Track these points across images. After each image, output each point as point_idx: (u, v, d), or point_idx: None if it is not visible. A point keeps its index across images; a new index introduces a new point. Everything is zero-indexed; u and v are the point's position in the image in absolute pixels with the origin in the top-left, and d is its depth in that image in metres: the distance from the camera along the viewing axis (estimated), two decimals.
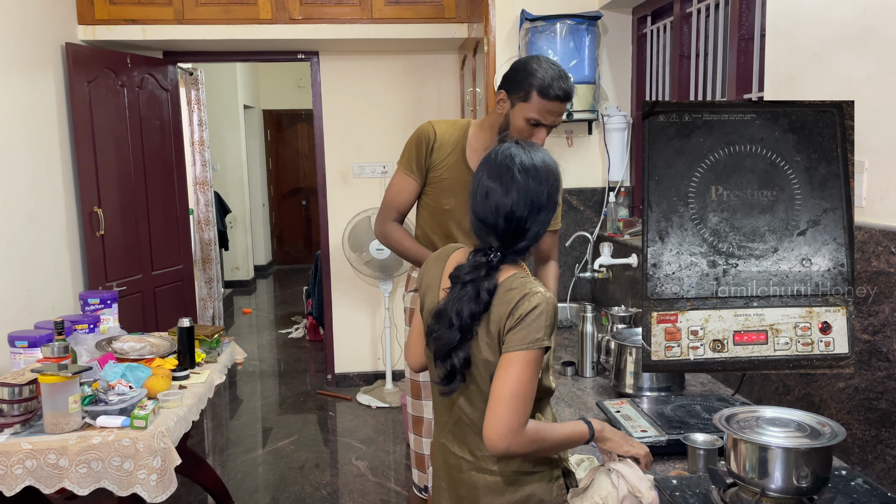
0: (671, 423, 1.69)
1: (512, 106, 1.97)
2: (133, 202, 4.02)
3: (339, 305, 4.68)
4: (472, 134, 2.14)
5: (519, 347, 1.26)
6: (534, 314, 1.26)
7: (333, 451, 3.78)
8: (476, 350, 1.34)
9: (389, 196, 2.22)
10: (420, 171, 2.16)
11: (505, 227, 1.32)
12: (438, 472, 1.52)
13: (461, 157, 2.13)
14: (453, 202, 2.14)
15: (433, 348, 1.38)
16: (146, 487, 2.04)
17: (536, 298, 1.27)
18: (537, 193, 1.32)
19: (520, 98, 1.94)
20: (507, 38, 3.13)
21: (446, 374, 1.35)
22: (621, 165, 3.10)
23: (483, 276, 1.32)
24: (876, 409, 1.48)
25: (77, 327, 2.63)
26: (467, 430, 1.42)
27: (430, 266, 1.51)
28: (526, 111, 1.94)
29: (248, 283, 8.31)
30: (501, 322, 1.29)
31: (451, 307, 1.33)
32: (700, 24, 2.64)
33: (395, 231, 2.21)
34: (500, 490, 1.39)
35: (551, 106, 1.92)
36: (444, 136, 2.13)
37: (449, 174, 2.13)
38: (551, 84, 1.90)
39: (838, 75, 1.61)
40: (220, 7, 3.86)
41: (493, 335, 1.31)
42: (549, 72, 1.91)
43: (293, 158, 9.45)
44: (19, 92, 3.21)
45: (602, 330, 2.49)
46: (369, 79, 4.50)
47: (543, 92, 1.90)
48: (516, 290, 1.30)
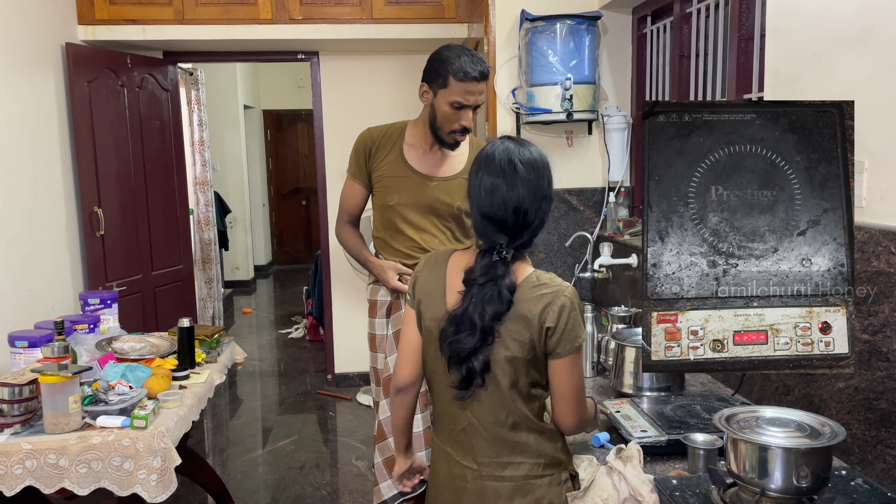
0: (671, 423, 1.69)
1: (434, 95, 2.14)
2: (133, 202, 4.02)
3: (339, 305, 4.68)
4: (408, 132, 2.30)
5: (570, 352, 1.34)
6: (574, 314, 1.34)
7: (333, 451, 3.78)
8: (499, 349, 1.34)
9: (341, 200, 2.42)
10: (363, 175, 2.33)
11: (514, 220, 1.34)
12: (442, 482, 1.50)
13: (399, 155, 2.28)
14: (397, 198, 2.27)
15: (448, 353, 1.36)
16: (146, 487, 2.04)
17: (569, 293, 1.34)
18: (539, 184, 1.35)
19: (439, 86, 2.11)
20: (507, 38, 3.13)
21: (463, 378, 1.35)
22: (621, 165, 3.10)
23: (501, 276, 1.33)
24: (876, 409, 1.48)
25: (77, 327, 2.63)
26: (475, 436, 1.40)
27: (426, 273, 1.47)
28: (447, 96, 2.10)
29: (248, 283, 8.31)
30: (538, 319, 1.32)
31: (472, 310, 1.33)
32: (700, 24, 2.64)
33: (345, 232, 2.42)
34: (510, 496, 1.39)
35: (469, 86, 2.08)
36: (380, 138, 2.30)
37: (389, 172, 2.28)
38: (464, 66, 2.06)
39: (838, 75, 1.61)
40: (220, 7, 3.86)
41: (524, 332, 1.32)
42: (460, 56, 2.07)
43: (293, 158, 9.46)
44: (19, 92, 3.21)
45: (602, 330, 2.49)
46: (369, 79, 4.50)
47: (459, 75, 2.06)
48: (546, 285, 1.35)
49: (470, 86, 2.07)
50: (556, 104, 2.88)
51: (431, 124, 2.19)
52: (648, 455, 1.59)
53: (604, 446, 1.68)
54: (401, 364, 1.51)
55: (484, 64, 2.10)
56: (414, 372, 1.50)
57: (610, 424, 1.78)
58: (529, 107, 2.95)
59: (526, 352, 1.33)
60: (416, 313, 1.47)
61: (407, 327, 1.49)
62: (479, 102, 2.13)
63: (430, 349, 1.45)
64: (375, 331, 2.38)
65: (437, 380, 1.45)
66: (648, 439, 1.60)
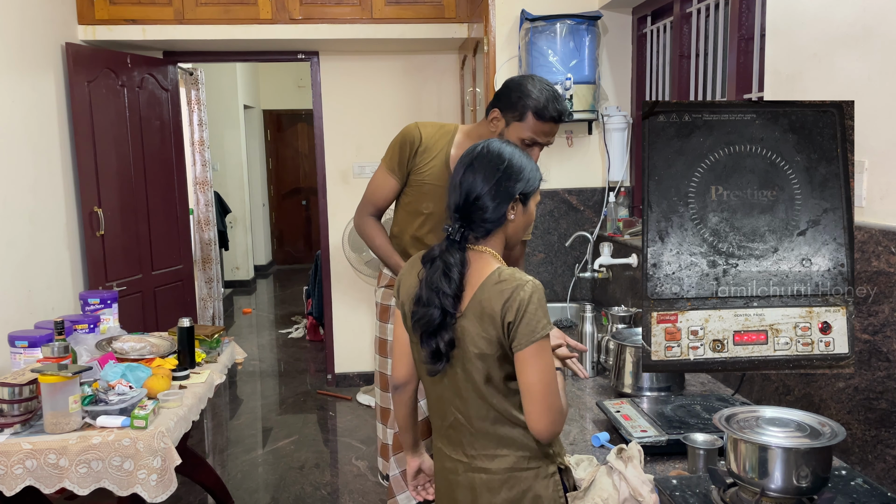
0: (671, 423, 1.69)
1: (507, 125, 1.99)
2: (133, 202, 4.02)
3: (339, 305, 4.68)
4: (458, 140, 2.16)
5: (531, 341, 1.31)
6: (532, 304, 1.31)
7: (333, 451, 3.78)
8: (469, 345, 1.35)
9: (370, 191, 2.28)
10: (402, 172, 2.19)
11: (465, 203, 1.37)
12: (437, 477, 1.55)
13: (444, 162, 2.15)
14: (432, 206, 2.17)
15: (418, 332, 1.40)
16: (146, 487, 2.04)
17: (529, 287, 1.32)
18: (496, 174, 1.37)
19: (515, 118, 1.97)
20: (507, 38, 3.13)
21: (431, 353, 1.38)
22: (621, 165, 3.10)
23: (447, 250, 1.37)
24: (876, 409, 1.48)
25: (77, 327, 2.63)
26: (462, 430, 1.43)
27: (406, 275, 1.51)
28: (521, 131, 1.96)
29: (248, 283, 8.31)
30: (500, 315, 1.32)
31: (425, 286, 1.37)
32: (700, 24, 2.64)
33: (370, 226, 2.28)
34: (496, 488, 1.40)
35: (546, 127, 1.96)
36: (429, 139, 2.15)
37: (431, 178, 2.16)
38: (546, 106, 1.93)
39: (838, 75, 1.61)
40: (220, 7, 3.86)
41: (489, 329, 1.33)
42: (544, 93, 1.94)
43: (293, 158, 9.45)
44: (19, 92, 3.21)
45: (602, 330, 2.49)
46: (369, 79, 4.50)
47: (539, 113, 1.93)
48: (506, 281, 1.33)
49: (548, 126, 1.95)
50: None
51: None
52: (648, 455, 1.60)
53: (604, 446, 1.68)
54: (395, 363, 1.56)
55: (564, 104, 1.98)
56: (408, 369, 1.55)
57: (610, 424, 1.78)
58: None
59: (494, 348, 1.34)
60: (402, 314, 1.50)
61: (397, 327, 1.54)
62: (551, 143, 2.03)
63: (415, 349, 1.48)
64: (387, 336, 2.33)
65: (424, 377, 1.48)
66: (648, 439, 1.60)
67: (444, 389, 1.43)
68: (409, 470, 1.68)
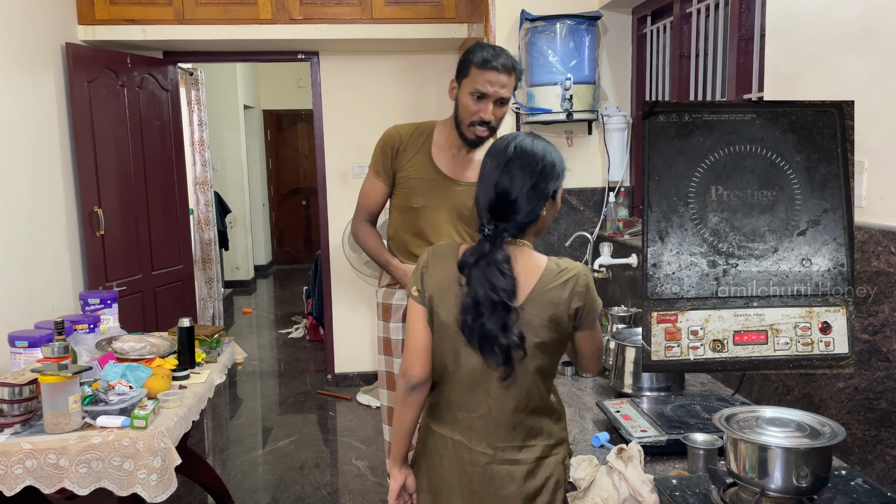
0: (671, 423, 1.69)
1: (459, 88, 2.12)
2: (133, 202, 4.02)
3: (339, 305, 4.68)
4: (437, 133, 2.26)
5: (594, 320, 1.48)
6: (591, 289, 1.45)
7: (333, 451, 3.78)
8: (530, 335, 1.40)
9: (361, 198, 2.37)
10: (387, 174, 2.27)
11: (500, 202, 1.40)
12: (450, 468, 1.49)
13: (427, 157, 2.23)
14: (422, 200, 2.22)
15: (477, 339, 1.40)
16: (146, 487, 2.04)
17: (586, 272, 1.44)
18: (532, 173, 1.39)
19: (462, 76, 2.09)
20: (507, 38, 3.13)
21: (504, 359, 1.40)
22: (621, 165, 3.10)
23: (489, 251, 1.39)
24: (876, 409, 1.48)
25: (77, 327, 2.63)
26: (495, 422, 1.45)
27: (435, 267, 1.48)
28: (468, 86, 2.08)
29: (248, 283, 8.31)
30: (567, 303, 1.41)
31: (480, 290, 1.38)
32: (700, 24, 2.64)
33: (364, 231, 2.38)
34: (523, 478, 1.45)
35: (490, 75, 2.03)
36: (408, 137, 2.25)
37: (416, 173, 2.23)
38: (487, 57, 2.02)
39: (838, 75, 1.61)
40: (220, 7, 3.86)
41: (554, 317, 1.40)
42: (486, 49, 2.05)
43: (293, 158, 9.45)
44: (19, 92, 3.21)
45: (602, 330, 2.49)
46: (369, 79, 4.50)
47: (480, 64, 2.03)
48: (567, 269, 1.43)
49: (490, 75, 2.02)
50: (556, 104, 2.88)
51: (455, 119, 2.17)
52: (648, 455, 1.60)
53: (604, 446, 1.68)
54: (412, 361, 1.48)
55: (509, 58, 2.05)
56: (427, 368, 1.48)
57: (610, 424, 1.78)
58: (529, 107, 2.95)
59: (557, 334, 1.43)
60: (426, 310, 1.47)
61: (416, 324, 1.48)
62: (502, 95, 2.06)
63: (445, 343, 1.46)
64: (391, 335, 2.33)
65: (455, 371, 1.46)
66: (648, 439, 1.60)
67: (486, 380, 1.43)
68: (393, 485, 1.56)
